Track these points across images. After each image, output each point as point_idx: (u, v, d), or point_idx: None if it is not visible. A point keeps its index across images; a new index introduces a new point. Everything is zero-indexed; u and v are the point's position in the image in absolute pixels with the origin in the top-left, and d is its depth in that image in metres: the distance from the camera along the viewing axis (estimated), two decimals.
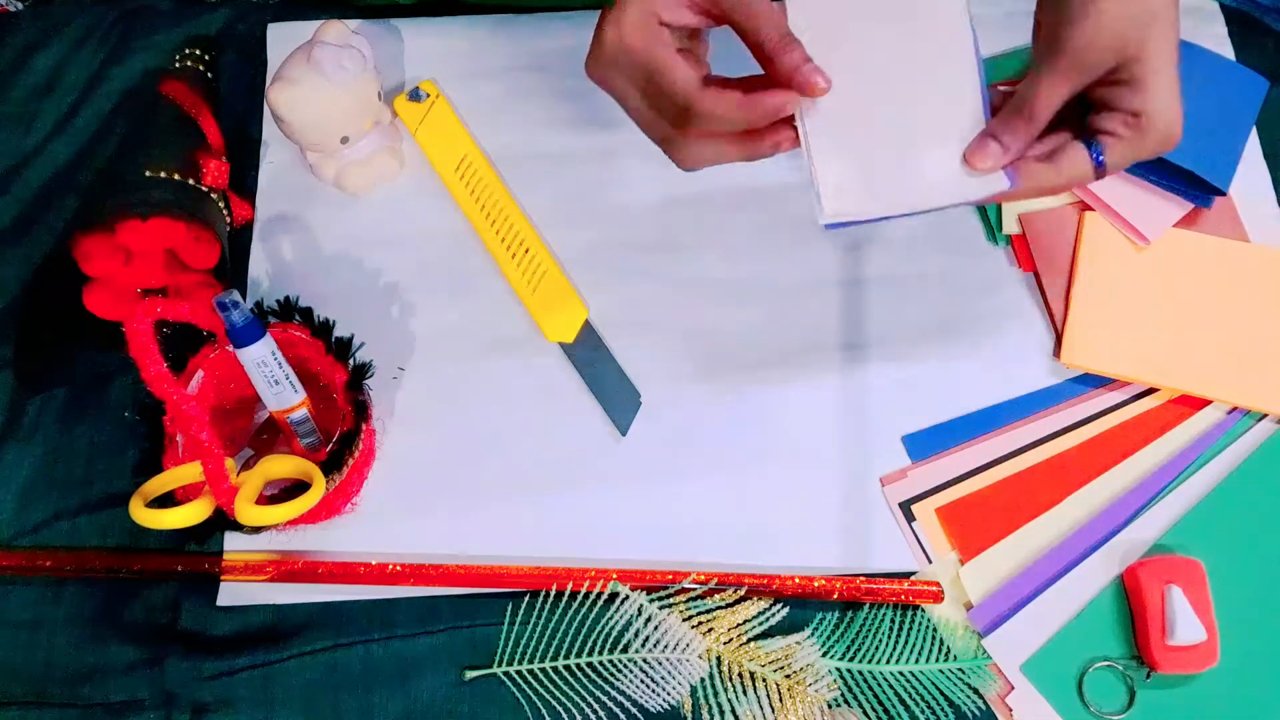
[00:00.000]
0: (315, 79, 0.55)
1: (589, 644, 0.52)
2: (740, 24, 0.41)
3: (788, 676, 0.51)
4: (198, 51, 0.64)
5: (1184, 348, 0.57)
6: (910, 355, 0.58)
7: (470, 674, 0.52)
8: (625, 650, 0.52)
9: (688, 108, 0.41)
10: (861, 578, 0.53)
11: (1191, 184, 0.59)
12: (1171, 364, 0.57)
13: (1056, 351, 0.58)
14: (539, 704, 0.51)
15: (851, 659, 0.52)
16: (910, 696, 0.51)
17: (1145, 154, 0.44)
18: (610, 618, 0.52)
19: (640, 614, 0.52)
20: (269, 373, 0.50)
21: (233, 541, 0.55)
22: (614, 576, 0.53)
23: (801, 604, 0.53)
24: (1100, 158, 0.43)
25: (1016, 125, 0.42)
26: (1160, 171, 0.60)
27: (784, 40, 0.41)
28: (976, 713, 0.51)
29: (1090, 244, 0.60)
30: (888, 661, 0.52)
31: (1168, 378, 0.57)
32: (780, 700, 0.51)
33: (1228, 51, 0.65)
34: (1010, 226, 0.60)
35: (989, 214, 0.61)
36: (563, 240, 0.61)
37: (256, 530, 0.51)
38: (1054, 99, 0.42)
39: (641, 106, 0.44)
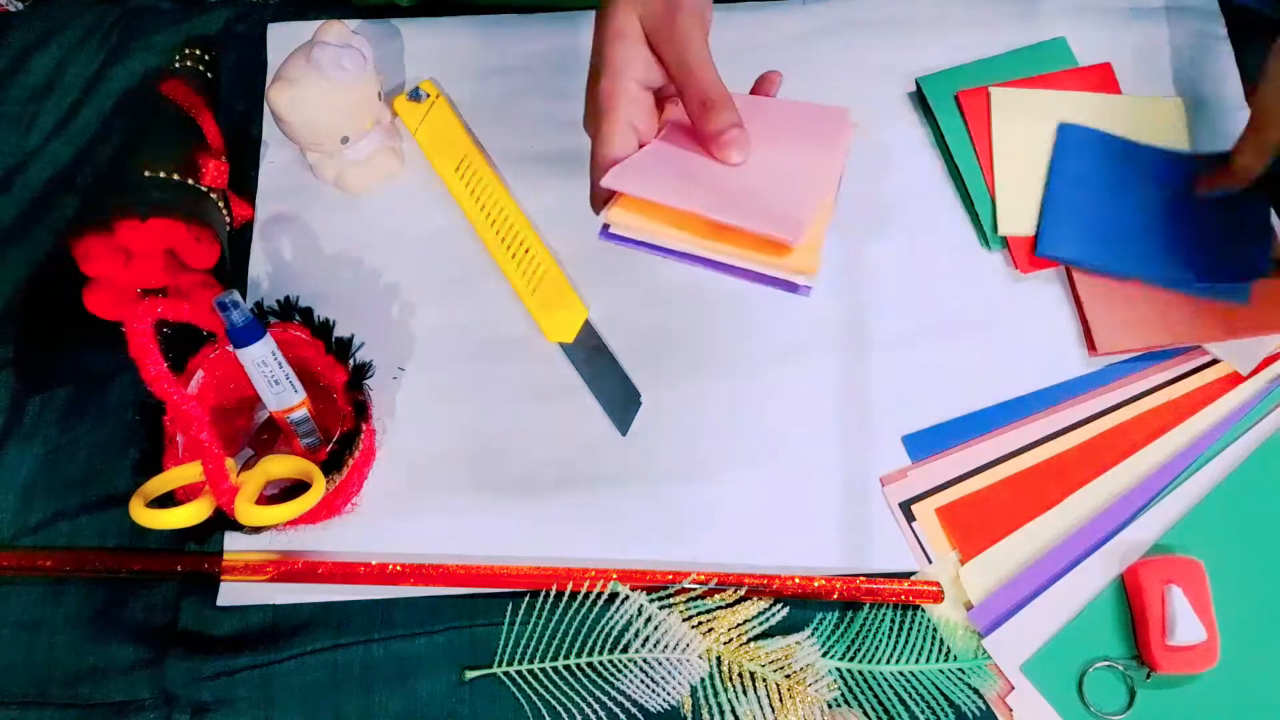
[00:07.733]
0: (315, 79, 0.55)
1: (589, 644, 0.52)
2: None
3: (788, 676, 0.51)
4: (198, 51, 0.64)
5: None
6: (910, 355, 0.58)
7: (470, 674, 0.52)
8: (625, 650, 0.52)
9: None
10: (861, 578, 0.53)
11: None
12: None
13: (1090, 347, 0.58)
14: (539, 704, 0.51)
15: (851, 659, 0.52)
16: (910, 696, 0.51)
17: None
18: (610, 618, 0.52)
19: (640, 614, 0.52)
20: (269, 373, 0.50)
21: (233, 541, 0.55)
22: (614, 576, 0.53)
23: (801, 604, 0.53)
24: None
25: (1222, 178, 0.55)
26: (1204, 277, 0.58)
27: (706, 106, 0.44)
28: (976, 713, 0.51)
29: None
30: (888, 661, 0.52)
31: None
32: (780, 700, 0.51)
33: (1227, 51, 0.65)
34: (1005, 229, 0.60)
35: (981, 220, 0.61)
36: (563, 240, 0.61)
37: (256, 530, 0.51)
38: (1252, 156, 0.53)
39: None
